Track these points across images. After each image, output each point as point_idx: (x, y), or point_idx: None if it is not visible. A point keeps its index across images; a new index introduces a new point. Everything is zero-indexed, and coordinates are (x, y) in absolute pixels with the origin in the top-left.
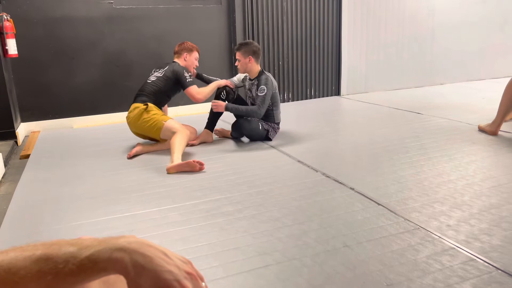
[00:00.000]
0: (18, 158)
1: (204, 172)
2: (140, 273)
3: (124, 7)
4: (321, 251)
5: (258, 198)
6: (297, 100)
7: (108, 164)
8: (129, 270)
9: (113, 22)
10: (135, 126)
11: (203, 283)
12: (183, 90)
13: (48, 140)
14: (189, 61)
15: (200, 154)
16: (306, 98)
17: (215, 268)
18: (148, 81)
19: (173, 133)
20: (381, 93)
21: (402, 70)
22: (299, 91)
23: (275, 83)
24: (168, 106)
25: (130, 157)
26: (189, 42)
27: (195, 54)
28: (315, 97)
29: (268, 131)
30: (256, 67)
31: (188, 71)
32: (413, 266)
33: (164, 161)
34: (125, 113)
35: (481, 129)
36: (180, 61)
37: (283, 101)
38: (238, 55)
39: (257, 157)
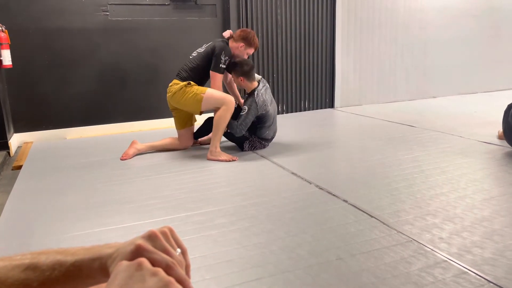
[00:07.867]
0: (11, 169)
1: (197, 183)
2: None
3: (119, 19)
4: (314, 264)
5: (251, 210)
6: (291, 112)
7: (101, 175)
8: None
9: (108, 34)
10: (174, 100)
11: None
12: (210, 69)
13: (41, 151)
14: (241, 52)
15: (193, 165)
16: (300, 111)
17: (207, 280)
18: (190, 57)
19: (217, 102)
20: (374, 105)
21: (395, 84)
22: (293, 104)
23: (262, 105)
24: (150, 119)
25: (124, 159)
26: (254, 35)
27: (251, 51)
28: (309, 110)
29: (246, 138)
30: (250, 85)
31: (229, 56)
32: (405, 279)
33: (158, 173)
34: (119, 124)
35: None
36: (233, 44)
37: (277, 113)
38: (232, 75)
39: (250, 168)
